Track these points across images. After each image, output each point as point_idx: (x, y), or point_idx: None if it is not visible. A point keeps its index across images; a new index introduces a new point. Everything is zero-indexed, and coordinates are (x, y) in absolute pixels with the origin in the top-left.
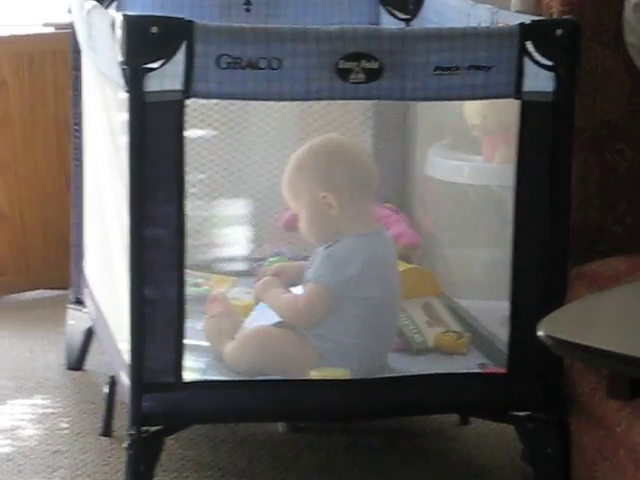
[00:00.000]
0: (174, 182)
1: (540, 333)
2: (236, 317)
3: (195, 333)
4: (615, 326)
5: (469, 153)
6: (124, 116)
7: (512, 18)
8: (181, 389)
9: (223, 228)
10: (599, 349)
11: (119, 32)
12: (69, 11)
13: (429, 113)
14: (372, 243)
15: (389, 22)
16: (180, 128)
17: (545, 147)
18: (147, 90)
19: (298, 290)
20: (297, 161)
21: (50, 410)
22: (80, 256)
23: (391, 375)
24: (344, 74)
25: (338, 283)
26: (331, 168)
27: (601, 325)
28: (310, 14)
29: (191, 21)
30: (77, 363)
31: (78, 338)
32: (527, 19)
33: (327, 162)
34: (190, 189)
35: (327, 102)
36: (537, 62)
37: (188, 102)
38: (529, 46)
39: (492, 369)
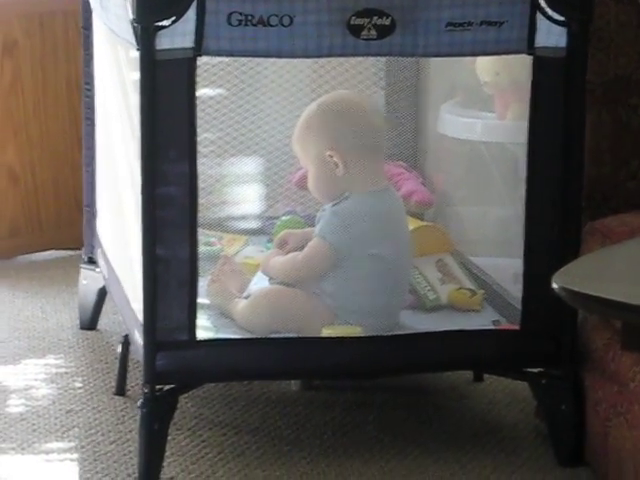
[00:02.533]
0: (186, 141)
1: (554, 285)
2: (242, 277)
3: (206, 291)
4: (629, 278)
5: (481, 110)
6: (135, 75)
7: None
8: (194, 347)
9: (235, 187)
10: (614, 300)
11: None
12: None
13: (441, 70)
14: (380, 201)
15: None
16: (192, 86)
17: (558, 103)
18: (158, 48)
19: None
20: (306, 118)
21: (63, 370)
22: (92, 216)
23: (404, 332)
24: (356, 30)
25: (343, 241)
26: (337, 127)
27: (615, 277)
28: None
29: None
30: (90, 323)
31: (91, 298)
32: None
33: (334, 121)
34: (202, 148)
35: (339, 59)
36: (549, 17)
37: (199, 60)
38: (541, 1)
39: (505, 326)
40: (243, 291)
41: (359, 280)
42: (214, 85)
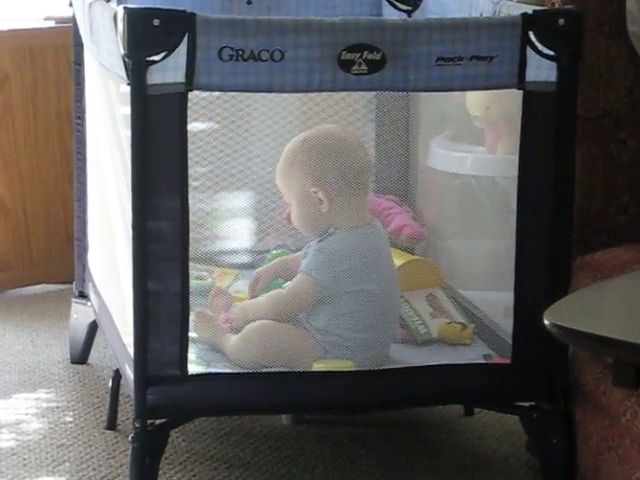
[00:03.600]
0: (177, 175)
1: (546, 322)
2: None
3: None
4: (621, 314)
5: (472, 144)
6: (126, 109)
7: (514, 8)
8: (186, 382)
9: (226, 221)
10: (605, 337)
11: (121, 25)
12: (70, 4)
13: (431, 104)
14: (365, 237)
15: (391, 13)
16: (183, 121)
17: (548, 137)
18: (149, 83)
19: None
20: (290, 153)
21: (54, 404)
22: (83, 250)
23: (395, 366)
24: (346, 65)
25: (329, 277)
26: (322, 164)
27: (607, 313)
28: (312, 6)
29: (193, 13)
30: (81, 357)
31: (82, 332)
32: (529, 9)
33: (318, 157)
34: (193, 182)
35: (329, 94)
36: (540, 52)
37: (190, 95)
38: (532, 36)
39: (496, 360)
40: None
41: (347, 316)
42: (205, 119)
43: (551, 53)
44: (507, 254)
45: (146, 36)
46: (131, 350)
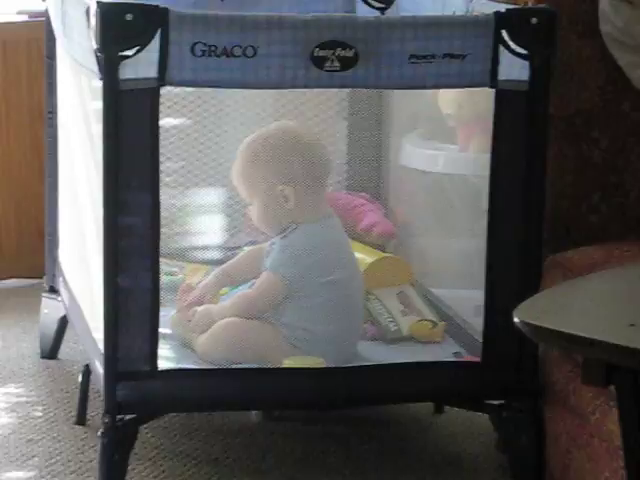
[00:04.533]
0: (149, 170)
1: (515, 319)
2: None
3: (170, 322)
4: (590, 312)
5: (444, 142)
6: (98, 104)
7: (487, 7)
8: (155, 378)
9: (198, 217)
10: (575, 335)
11: (93, 20)
12: None
13: (404, 102)
14: (326, 229)
15: (364, 11)
16: (155, 116)
17: (520, 136)
18: (122, 78)
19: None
20: (251, 151)
21: (24, 399)
22: (54, 245)
23: (366, 364)
24: (319, 62)
25: (296, 272)
26: (289, 162)
27: (577, 311)
28: (285, 3)
29: (166, 9)
30: (51, 352)
31: (52, 327)
32: (502, 8)
33: (285, 155)
34: (165, 178)
35: (302, 90)
36: (512, 51)
37: (163, 90)
38: (504, 35)
39: (467, 358)
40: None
41: (314, 309)
42: (177, 114)
43: (524, 52)
44: (478, 253)
45: (119, 31)
46: (101, 345)
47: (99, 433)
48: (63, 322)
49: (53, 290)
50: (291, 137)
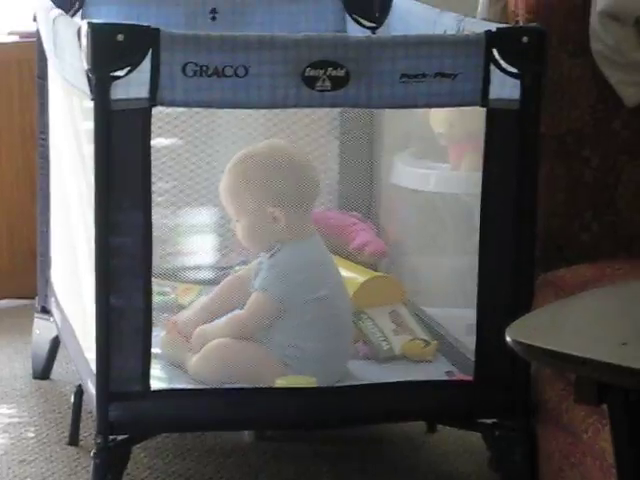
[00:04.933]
0: (140, 190)
1: (508, 338)
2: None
3: (160, 343)
4: (582, 331)
5: (435, 161)
6: (90, 124)
7: (478, 26)
8: (148, 398)
9: (189, 237)
10: (567, 354)
11: (85, 40)
12: (34, 19)
13: (395, 121)
14: (312, 247)
15: (355, 30)
16: (146, 136)
17: (511, 155)
18: (113, 98)
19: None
20: (240, 169)
21: (16, 419)
22: (46, 265)
23: (358, 383)
24: (310, 82)
25: (286, 290)
26: (281, 183)
27: (569, 330)
28: (276, 22)
29: (157, 29)
30: (43, 372)
31: (44, 347)
32: (493, 27)
33: (276, 176)
34: (156, 198)
35: (294, 110)
36: (503, 70)
37: (154, 110)
38: (495, 54)
39: (459, 376)
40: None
41: (303, 326)
42: (169, 134)
43: (515, 71)
44: (470, 271)
45: (110, 51)
46: (93, 366)
47: (92, 454)
48: (55, 342)
49: (45, 310)
50: (281, 157)
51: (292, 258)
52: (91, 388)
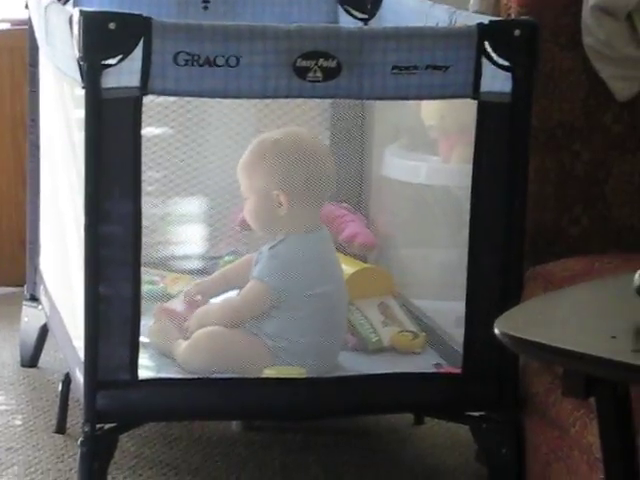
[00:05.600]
0: (130, 179)
1: (496, 331)
2: (180, 315)
3: (148, 332)
4: (571, 324)
5: (426, 153)
6: (81, 113)
7: (470, 18)
8: (136, 387)
9: (179, 226)
10: (555, 347)
11: (76, 28)
12: (26, 7)
13: (386, 113)
14: (316, 241)
15: (347, 21)
16: (137, 125)
17: (502, 148)
18: (104, 87)
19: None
20: (260, 149)
21: (4, 407)
22: (36, 253)
23: (346, 374)
24: (302, 72)
25: (282, 282)
26: (291, 169)
27: (557, 323)
28: (268, 12)
29: (149, 18)
30: (31, 360)
31: (33, 335)
32: (485, 19)
33: (288, 161)
34: (146, 187)
35: (284, 100)
36: (495, 62)
37: (145, 99)
38: (487, 46)
39: (447, 369)
40: (184, 331)
41: (299, 320)
42: (160, 124)
43: (506, 64)
44: (459, 264)
45: (101, 39)
46: (81, 354)
47: (79, 442)
48: (43, 331)
49: (34, 298)
50: (300, 146)
51: (293, 251)
52: (79, 376)
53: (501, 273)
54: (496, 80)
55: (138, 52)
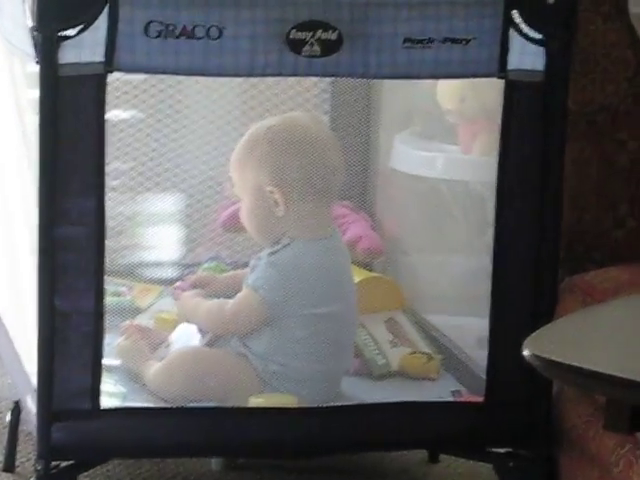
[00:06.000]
0: (93, 172)
1: (526, 352)
2: (154, 334)
3: (116, 351)
4: (614, 345)
5: (443, 142)
6: (34, 93)
7: None
8: (98, 417)
9: (150, 227)
10: (595, 372)
11: None
12: None
13: (396, 94)
14: (325, 250)
15: None
16: (101, 107)
17: (534, 136)
18: (62, 62)
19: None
20: (250, 140)
21: None
22: None
23: (347, 403)
24: (296, 46)
25: (280, 296)
26: (284, 159)
27: (598, 344)
28: None
29: None
30: None
31: None
32: None
33: (281, 151)
34: (111, 181)
35: (276, 79)
36: (525, 35)
37: (110, 77)
38: (515, 16)
39: (467, 397)
40: (156, 351)
41: (295, 342)
42: (128, 106)
43: (538, 36)
44: (482, 273)
45: (59, 7)
46: (34, 379)
47: None
48: None
49: None
50: (297, 131)
51: (296, 259)
52: (31, 405)
53: (532, 284)
54: (526, 56)
55: (102, 21)
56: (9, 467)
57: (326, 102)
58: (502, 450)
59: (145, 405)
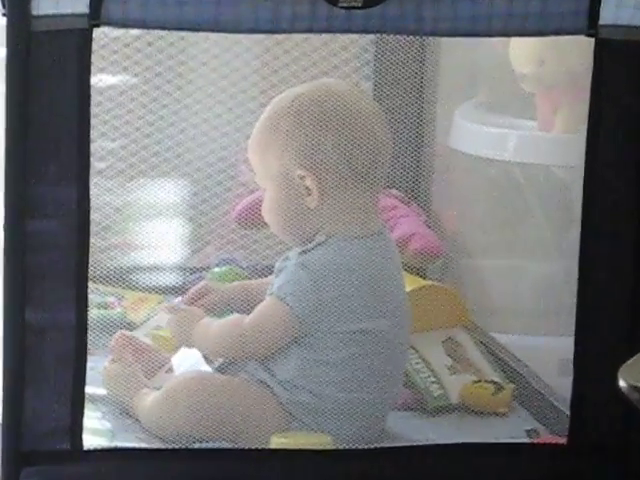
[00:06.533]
0: (73, 152)
1: (622, 383)
2: (152, 354)
3: (102, 377)
4: None
5: (517, 117)
6: (1, 52)
7: None
8: (79, 461)
9: (145, 222)
10: None
11: None
12: None
13: (457, 56)
14: (369, 251)
15: None
16: (84, 71)
17: (632, 109)
18: (35, 14)
19: None
20: (272, 116)
21: None
22: None
23: (394, 444)
24: None
25: (312, 306)
26: (318, 138)
27: None
28: None
29: None
30: None
31: None
32: None
33: (314, 127)
34: (97, 163)
35: (306, 37)
36: None
37: (97, 32)
38: None
39: (546, 438)
40: (154, 377)
41: (330, 366)
42: (118, 69)
43: None
44: (565, 282)
45: None
46: None
47: None
48: None
49: None
50: (331, 101)
51: (332, 262)
52: None
53: (627, 297)
54: (623, 8)
55: None
56: None
57: (368, 65)
58: None
59: (138, 446)
